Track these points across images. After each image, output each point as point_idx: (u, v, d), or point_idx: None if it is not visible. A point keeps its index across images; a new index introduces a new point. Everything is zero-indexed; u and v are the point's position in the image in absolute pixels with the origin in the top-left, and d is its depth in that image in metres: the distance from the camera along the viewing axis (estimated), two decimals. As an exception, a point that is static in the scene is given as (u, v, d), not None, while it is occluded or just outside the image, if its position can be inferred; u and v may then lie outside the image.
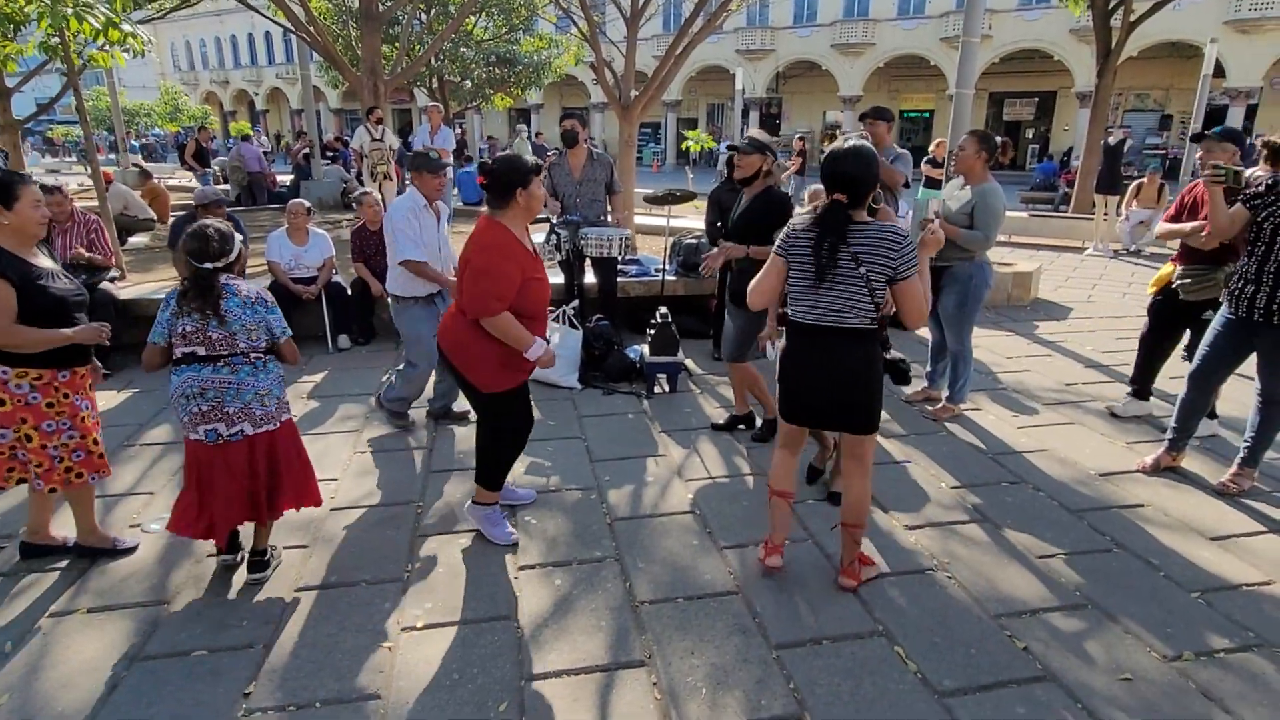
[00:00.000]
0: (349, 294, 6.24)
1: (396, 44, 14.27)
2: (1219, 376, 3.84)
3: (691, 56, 9.94)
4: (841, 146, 2.65)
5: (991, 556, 3.23)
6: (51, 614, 2.82)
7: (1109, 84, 12.93)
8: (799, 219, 2.79)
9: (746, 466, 4.07)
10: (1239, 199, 3.57)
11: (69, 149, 39.27)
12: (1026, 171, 24.81)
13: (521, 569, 3.13)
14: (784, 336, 2.90)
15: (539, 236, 4.49)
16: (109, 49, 5.54)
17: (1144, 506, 3.67)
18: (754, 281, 2.88)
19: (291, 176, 15.00)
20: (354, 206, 7.11)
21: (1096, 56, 12.82)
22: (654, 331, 5.10)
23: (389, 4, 12.37)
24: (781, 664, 2.57)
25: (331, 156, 16.18)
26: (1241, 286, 3.57)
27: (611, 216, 5.91)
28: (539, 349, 3.06)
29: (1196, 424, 3.97)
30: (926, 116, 32.82)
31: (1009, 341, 6.53)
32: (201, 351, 2.79)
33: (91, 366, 3.10)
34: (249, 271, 3.30)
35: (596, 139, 34.83)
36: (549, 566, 3.15)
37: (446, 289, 4.22)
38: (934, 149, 10.53)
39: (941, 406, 4.80)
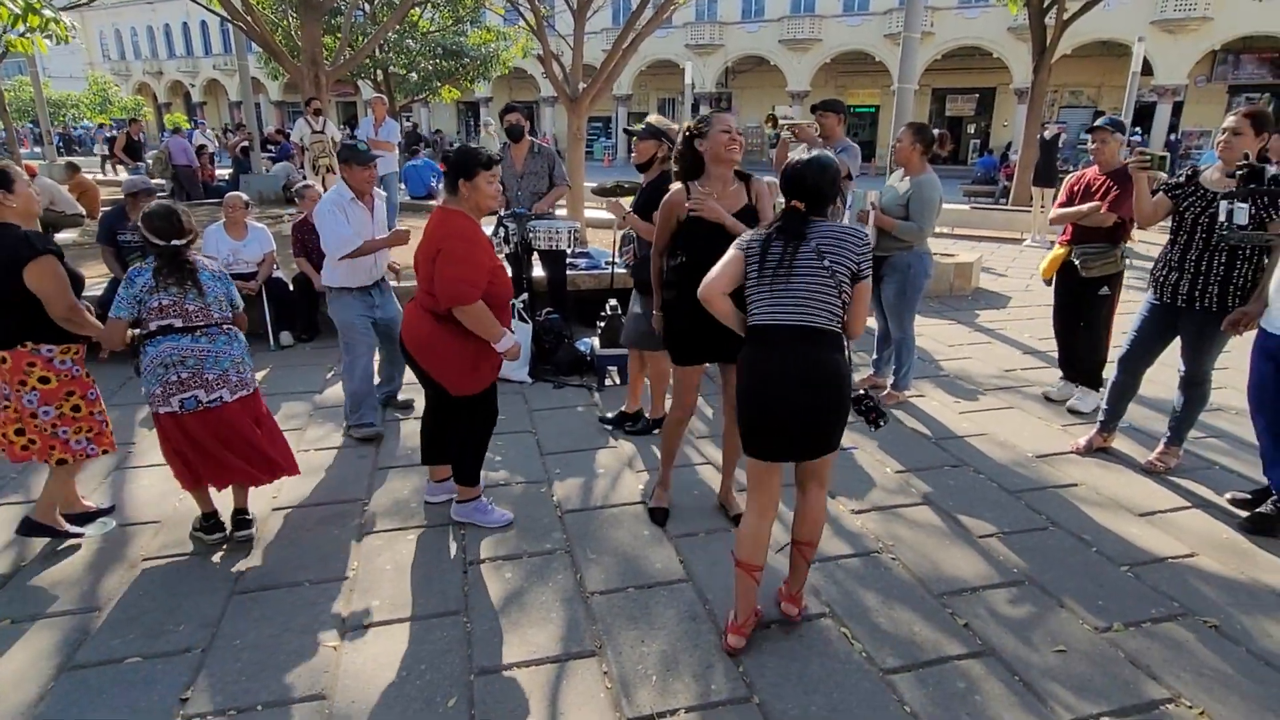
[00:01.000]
0: (290, 290, 6.08)
1: (338, 34, 13.93)
2: (1146, 360, 4.00)
3: (641, 50, 9.95)
4: (802, 157, 2.50)
5: (935, 538, 3.32)
6: (-29, 626, 2.69)
7: (1044, 81, 13.32)
8: (753, 231, 2.59)
9: (697, 456, 4.09)
10: (1160, 188, 3.73)
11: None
12: (968, 166, 25.49)
13: (471, 564, 3.09)
14: (745, 346, 2.54)
15: (488, 229, 4.44)
16: (29, 35, 5.30)
17: (1077, 486, 3.81)
18: (708, 276, 2.53)
19: (230, 170, 14.56)
20: (295, 200, 6.93)
21: (1032, 54, 13.20)
22: (604, 324, 5.10)
23: (330, -7, 12.05)
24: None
25: (271, 155, 15.69)
26: (1165, 274, 3.72)
27: (544, 202, 5.86)
28: (508, 341, 3.05)
29: (1125, 406, 4.14)
30: (873, 111, 33.41)
31: (951, 330, 6.70)
32: (179, 324, 2.93)
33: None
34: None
35: (547, 133, 34.62)
36: (498, 560, 3.12)
37: (383, 257, 4.25)
38: None
39: (886, 394, 4.90)
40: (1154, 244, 9.81)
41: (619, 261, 6.37)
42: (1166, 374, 4.15)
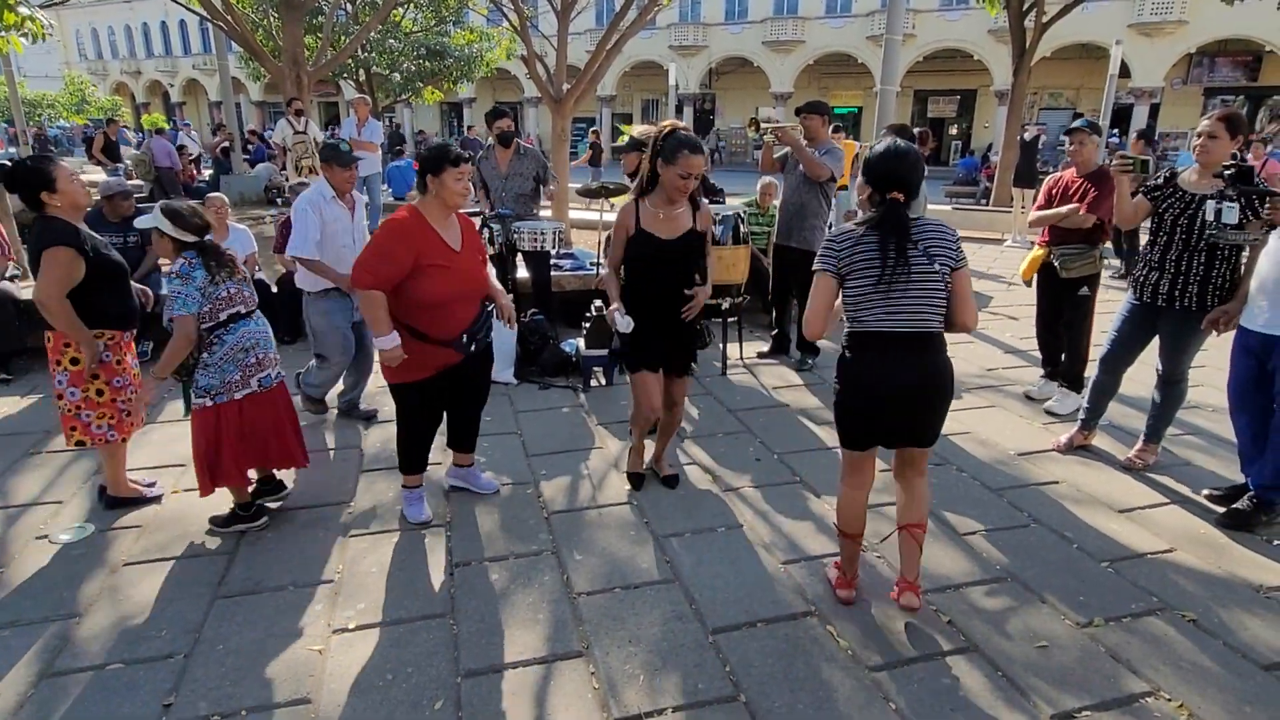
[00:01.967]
0: (273, 291, 6.02)
1: (320, 34, 13.83)
2: (1127, 360, 4.06)
3: (625, 51, 9.96)
4: (877, 149, 2.52)
5: (918, 536, 3.34)
6: (-52, 633, 2.65)
7: (1024, 83, 13.48)
8: (840, 229, 2.55)
9: (684, 457, 4.10)
10: (1140, 190, 3.78)
11: (-38, 142, 36.76)
12: (950, 167, 25.66)
13: (457, 566, 3.08)
14: (846, 351, 2.60)
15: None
16: (4, 33, 5.22)
17: (1059, 483, 3.85)
18: (808, 310, 2.58)
19: (210, 171, 14.41)
20: (277, 201, 6.88)
21: (1012, 56, 13.35)
22: (589, 325, 5.10)
23: (311, -8, 11.98)
24: (717, 648, 2.60)
25: (248, 157, 15.52)
26: (1146, 274, 3.78)
27: (545, 195, 5.88)
28: (388, 341, 2.99)
29: (1106, 405, 4.19)
30: (855, 113, 33.61)
31: (934, 330, 6.74)
32: (243, 309, 3.14)
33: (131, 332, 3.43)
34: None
35: (531, 134, 34.53)
36: (485, 562, 3.11)
37: (341, 286, 4.07)
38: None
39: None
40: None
41: (603, 263, 6.37)
42: (1145, 372, 4.21)
